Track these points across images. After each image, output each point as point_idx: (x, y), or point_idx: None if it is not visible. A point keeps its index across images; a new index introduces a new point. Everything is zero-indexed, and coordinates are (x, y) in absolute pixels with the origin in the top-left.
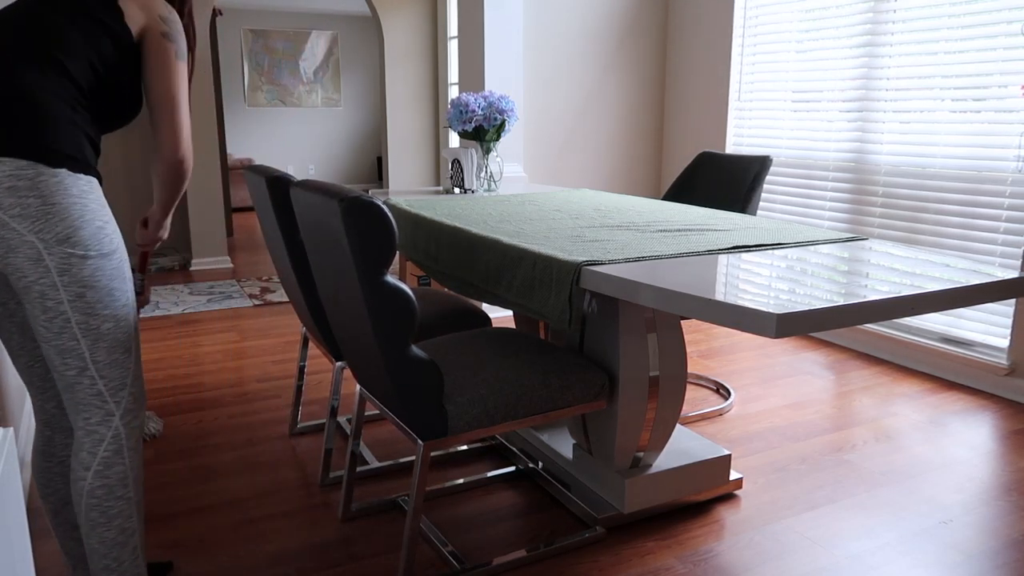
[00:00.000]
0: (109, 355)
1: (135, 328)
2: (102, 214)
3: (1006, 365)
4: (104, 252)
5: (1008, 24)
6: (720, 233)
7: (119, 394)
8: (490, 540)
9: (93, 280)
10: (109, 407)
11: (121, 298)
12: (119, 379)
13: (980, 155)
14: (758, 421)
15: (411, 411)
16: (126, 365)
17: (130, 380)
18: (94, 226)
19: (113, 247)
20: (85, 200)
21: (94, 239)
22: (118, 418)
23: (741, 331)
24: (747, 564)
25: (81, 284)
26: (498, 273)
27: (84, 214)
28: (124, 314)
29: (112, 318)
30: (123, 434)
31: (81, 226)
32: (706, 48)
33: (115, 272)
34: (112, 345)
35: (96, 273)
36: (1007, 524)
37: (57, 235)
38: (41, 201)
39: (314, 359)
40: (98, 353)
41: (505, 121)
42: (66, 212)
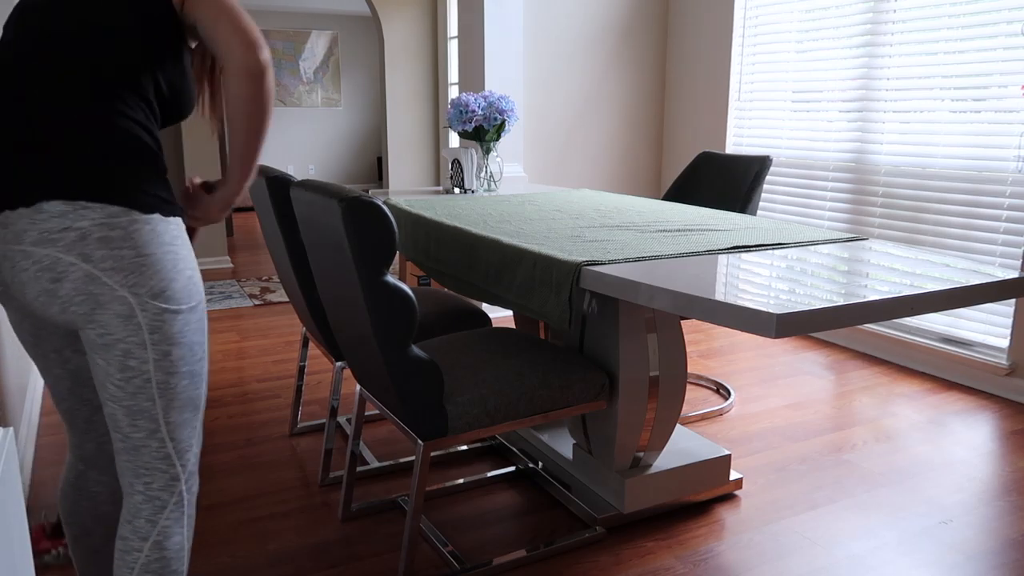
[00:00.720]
0: (180, 415)
1: (206, 375)
2: (191, 261)
3: (1006, 365)
4: (193, 305)
5: (1008, 24)
6: (720, 233)
7: (185, 456)
8: (490, 540)
9: (181, 336)
10: (175, 471)
11: (199, 352)
12: (187, 440)
13: (980, 155)
14: (758, 421)
15: (411, 411)
16: (194, 424)
17: (196, 439)
18: (185, 276)
19: (200, 296)
20: (177, 247)
21: (185, 291)
22: (183, 482)
23: (741, 331)
24: (747, 564)
25: (170, 342)
26: (498, 273)
27: (177, 263)
28: (199, 369)
29: (189, 375)
30: (185, 500)
31: (175, 277)
32: (706, 48)
33: (199, 325)
34: (184, 404)
35: (184, 329)
36: (1007, 524)
37: (151, 289)
38: (135, 252)
39: (314, 359)
40: (171, 414)
41: (505, 121)
42: (160, 263)
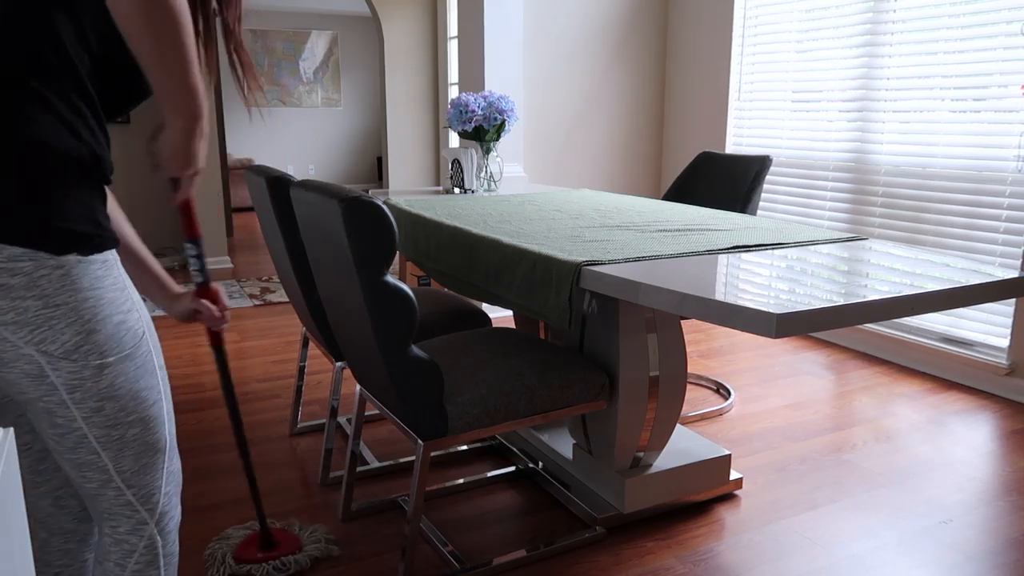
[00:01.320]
0: (137, 462)
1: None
2: (121, 301)
3: (1006, 365)
4: (126, 353)
5: (1008, 24)
6: (720, 233)
7: (151, 499)
8: (490, 540)
9: (113, 390)
10: (140, 516)
11: (150, 396)
12: (150, 483)
13: (980, 155)
14: (758, 421)
15: (411, 411)
16: (158, 466)
17: (163, 479)
18: (112, 323)
19: (137, 339)
20: (100, 291)
21: (113, 340)
22: (152, 525)
23: (741, 331)
24: (747, 564)
25: (98, 398)
26: (498, 273)
27: (98, 311)
28: (154, 413)
29: (140, 422)
30: (158, 541)
31: (96, 328)
32: (706, 48)
33: (140, 371)
34: (140, 450)
35: (117, 380)
36: (1007, 524)
37: (63, 346)
38: (42, 303)
39: (314, 359)
40: (123, 462)
41: (505, 121)
42: (75, 314)
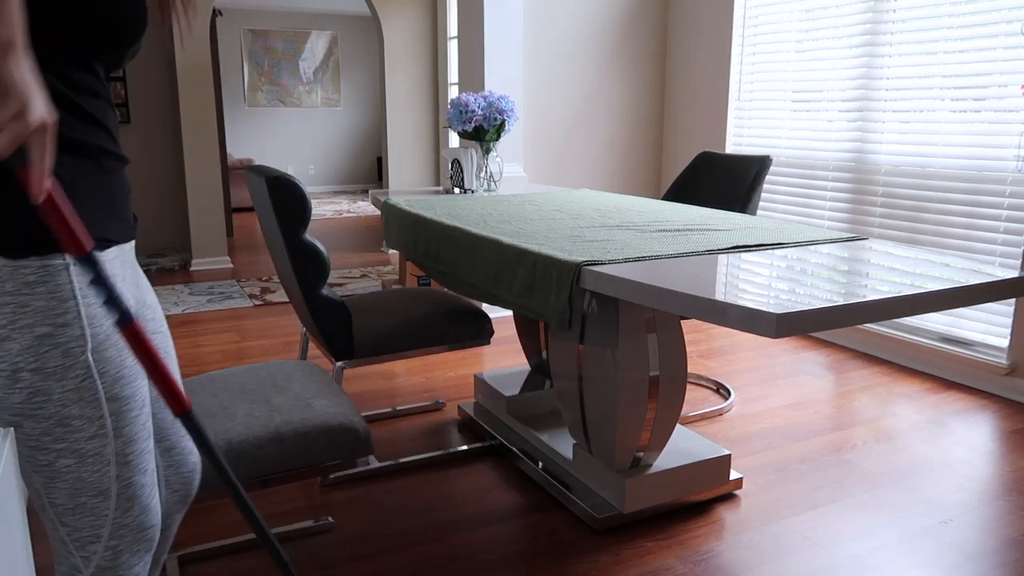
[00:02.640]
0: (72, 499)
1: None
2: (56, 313)
3: (1006, 365)
4: (48, 370)
5: (1008, 24)
6: (720, 233)
7: (88, 548)
8: (490, 540)
9: (31, 409)
10: (74, 561)
11: (86, 428)
12: (89, 529)
13: (980, 155)
14: (758, 421)
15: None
16: (100, 512)
17: (108, 531)
18: (32, 335)
19: (69, 362)
20: (26, 296)
21: (29, 353)
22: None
23: (741, 331)
24: (747, 564)
25: (13, 412)
26: (498, 273)
27: (18, 318)
28: (94, 448)
29: (72, 453)
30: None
31: (10, 336)
32: (706, 48)
33: (71, 395)
34: (76, 487)
35: (34, 399)
36: (1007, 524)
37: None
38: None
39: (314, 359)
40: (56, 495)
41: (505, 121)
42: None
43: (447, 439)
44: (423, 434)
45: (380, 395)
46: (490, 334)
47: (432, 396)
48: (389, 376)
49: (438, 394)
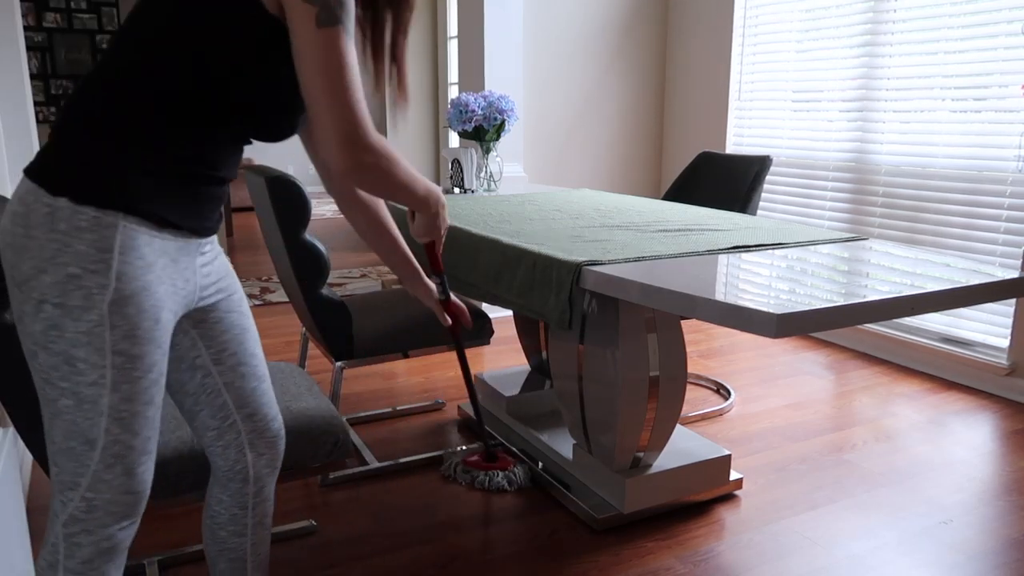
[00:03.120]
0: (65, 440)
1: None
2: (91, 260)
3: (1006, 365)
4: (68, 307)
5: (1008, 24)
6: (720, 233)
7: (67, 493)
8: (490, 540)
9: (46, 340)
10: (55, 505)
11: (88, 373)
12: (71, 474)
13: (980, 155)
14: (758, 421)
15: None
16: (84, 460)
17: (87, 481)
18: (64, 272)
19: (87, 303)
20: (72, 239)
21: (57, 288)
22: (60, 524)
23: (741, 331)
24: (747, 564)
25: (32, 340)
26: (498, 273)
27: (59, 256)
28: (91, 395)
29: (72, 395)
30: (61, 549)
31: (47, 269)
32: (706, 48)
33: (83, 338)
34: (70, 429)
35: (50, 331)
36: (1007, 524)
37: (21, 274)
38: (25, 232)
39: (314, 359)
40: (55, 433)
41: (505, 121)
42: (39, 250)
43: (447, 439)
44: (423, 434)
45: (380, 395)
46: (490, 334)
47: (432, 396)
48: (389, 376)
49: (438, 394)
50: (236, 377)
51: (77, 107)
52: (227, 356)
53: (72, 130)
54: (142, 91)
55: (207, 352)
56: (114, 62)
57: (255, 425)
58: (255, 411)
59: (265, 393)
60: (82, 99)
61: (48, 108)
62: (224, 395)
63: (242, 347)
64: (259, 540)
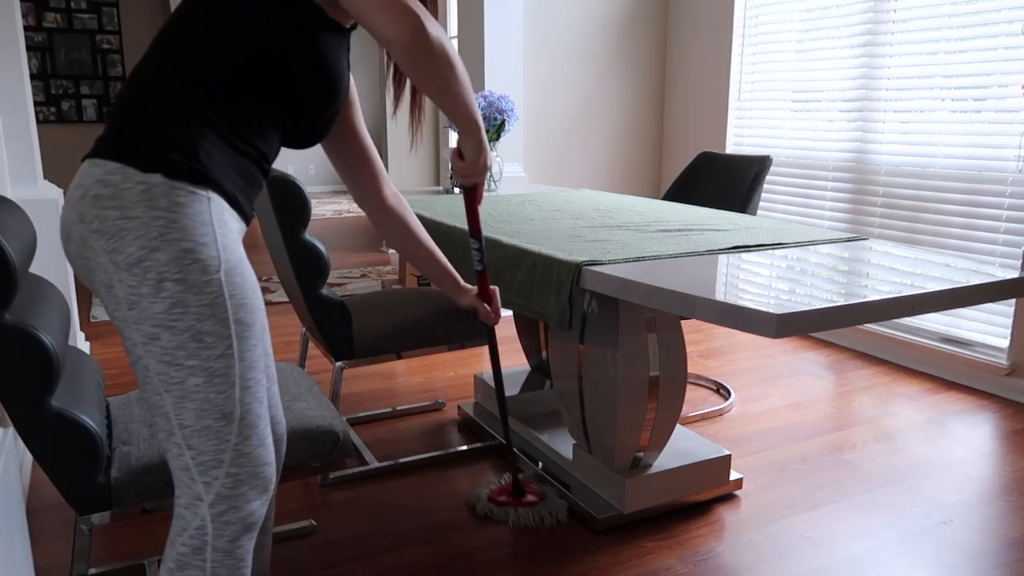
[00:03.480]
0: (198, 420)
1: (244, 380)
2: (198, 233)
3: (1006, 365)
4: (189, 282)
5: (1008, 24)
6: (720, 233)
7: (210, 473)
8: (490, 540)
9: (170, 320)
10: (197, 488)
11: (216, 345)
12: (212, 453)
13: (980, 155)
14: (758, 421)
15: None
16: (223, 436)
17: (229, 456)
18: (178, 248)
19: (206, 275)
20: (176, 214)
21: (175, 264)
22: (206, 506)
23: (741, 331)
24: (747, 564)
25: (154, 323)
26: (498, 273)
27: (168, 232)
28: (221, 368)
29: (203, 371)
30: (209, 529)
31: (159, 247)
32: (706, 48)
33: (206, 310)
34: (203, 408)
35: (174, 309)
36: (1007, 524)
37: (129, 257)
38: (120, 213)
39: (314, 359)
40: (184, 415)
41: (505, 121)
42: (145, 228)
43: (447, 439)
44: (423, 434)
45: (380, 395)
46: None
47: (432, 396)
48: (389, 376)
49: (438, 394)
50: None
51: (147, 89)
52: None
53: (147, 110)
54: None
55: None
56: (176, 47)
57: None
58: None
59: (275, 395)
60: (150, 82)
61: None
62: None
63: None
64: (260, 544)
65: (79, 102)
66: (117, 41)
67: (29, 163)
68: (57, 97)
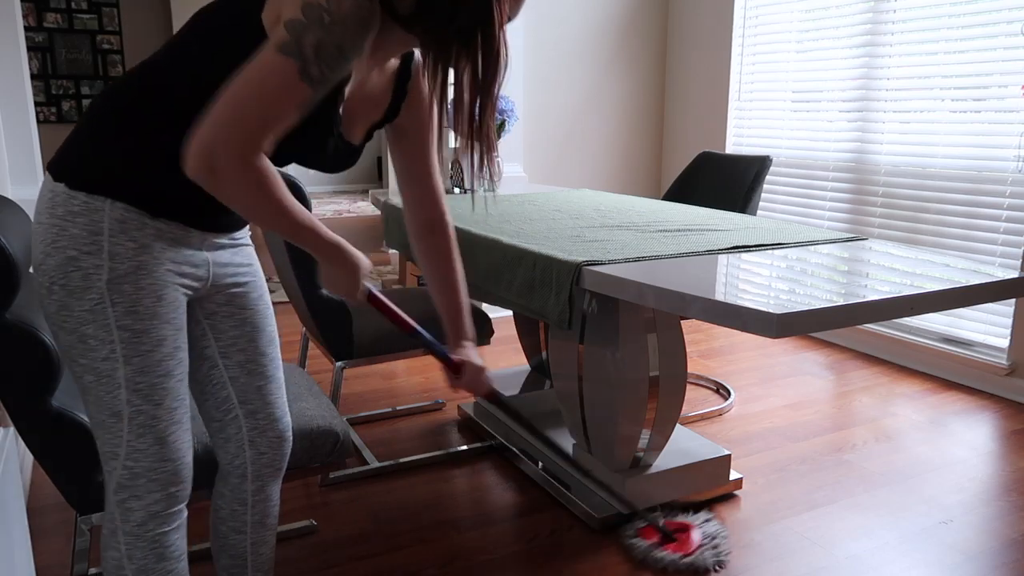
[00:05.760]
0: (97, 414)
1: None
2: (84, 242)
3: (1006, 365)
4: (70, 288)
5: (1008, 24)
6: (720, 233)
7: (110, 463)
8: (490, 540)
9: (60, 320)
10: (105, 476)
11: (99, 348)
12: (109, 445)
13: (980, 155)
14: (758, 421)
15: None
16: (115, 432)
17: (124, 451)
18: (64, 255)
19: (86, 283)
20: (68, 223)
21: (60, 271)
22: (110, 491)
23: (741, 331)
24: (747, 564)
25: (52, 321)
26: (498, 273)
27: (59, 239)
28: (107, 369)
29: (92, 371)
30: (116, 515)
31: (51, 253)
32: (706, 48)
33: (88, 316)
34: (97, 404)
35: (61, 312)
36: (1007, 524)
37: (34, 260)
38: (35, 220)
39: (314, 359)
40: (88, 408)
41: (505, 121)
42: (44, 234)
43: (447, 439)
44: (423, 434)
45: (380, 395)
46: (490, 334)
47: (432, 396)
48: (389, 376)
49: (438, 394)
50: (242, 373)
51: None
52: (235, 351)
53: (81, 126)
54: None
55: (215, 344)
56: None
57: (257, 423)
58: (258, 409)
59: (272, 393)
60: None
61: (48, 108)
62: (228, 388)
63: (252, 344)
64: (259, 540)
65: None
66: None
67: (29, 163)
68: (57, 97)
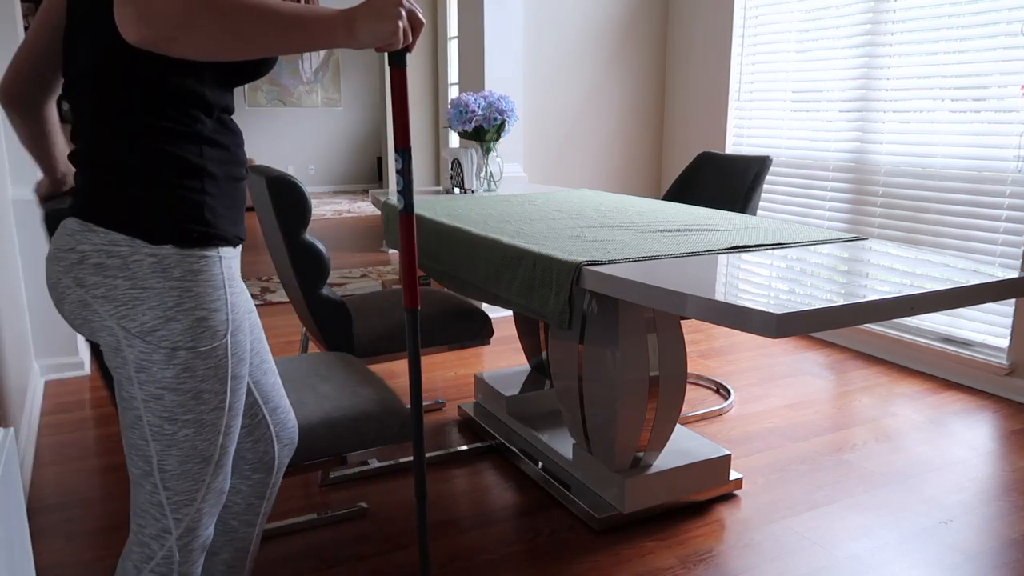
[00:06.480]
0: (181, 465)
1: (225, 425)
2: (211, 299)
3: (1006, 365)
4: (200, 350)
5: (1008, 24)
6: (720, 233)
7: (183, 511)
8: (490, 540)
9: (177, 383)
10: (167, 523)
11: (212, 401)
12: (187, 493)
13: (980, 155)
14: (758, 421)
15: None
16: (200, 477)
17: (202, 494)
18: (193, 317)
19: (215, 342)
20: (191, 282)
21: (189, 333)
22: (174, 538)
23: (741, 331)
24: (747, 564)
25: (160, 385)
26: (498, 273)
27: (183, 302)
28: (212, 419)
29: (195, 423)
30: (176, 558)
31: (175, 317)
32: (706, 48)
33: (210, 372)
34: (187, 454)
35: (183, 374)
36: (1007, 524)
37: (142, 326)
38: (132, 284)
39: None
40: (167, 461)
41: (505, 121)
42: (160, 298)
43: (447, 439)
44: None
45: None
46: (490, 334)
47: (432, 396)
48: (389, 376)
49: (438, 394)
50: (260, 374)
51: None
52: (252, 355)
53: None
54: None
55: None
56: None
57: (279, 418)
58: (277, 405)
59: (280, 386)
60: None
61: None
62: (253, 393)
63: (260, 344)
64: (261, 530)
65: None
66: None
67: (29, 163)
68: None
